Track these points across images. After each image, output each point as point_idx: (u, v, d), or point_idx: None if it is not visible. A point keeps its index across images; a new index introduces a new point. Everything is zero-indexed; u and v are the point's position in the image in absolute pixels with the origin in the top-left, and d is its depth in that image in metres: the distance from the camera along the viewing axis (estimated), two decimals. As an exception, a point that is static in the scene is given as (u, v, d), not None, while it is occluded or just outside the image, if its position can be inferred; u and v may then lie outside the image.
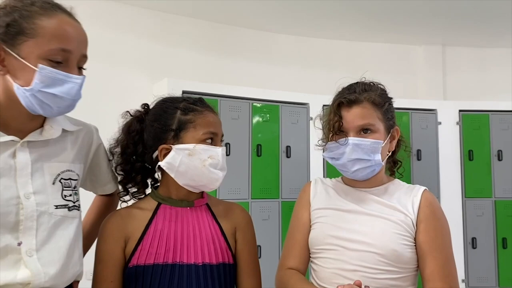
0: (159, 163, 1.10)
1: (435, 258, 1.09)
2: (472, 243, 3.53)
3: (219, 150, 1.11)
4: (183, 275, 1.06)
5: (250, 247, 1.21)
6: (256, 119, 3.07)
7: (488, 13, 3.54)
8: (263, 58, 3.72)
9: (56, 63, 0.95)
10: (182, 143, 1.10)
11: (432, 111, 3.56)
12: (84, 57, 1.02)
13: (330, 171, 3.13)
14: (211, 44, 3.54)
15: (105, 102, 2.80)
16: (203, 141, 1.11)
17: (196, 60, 3.44)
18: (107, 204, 1.29)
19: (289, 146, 3.14)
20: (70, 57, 0.97)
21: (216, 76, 3.41)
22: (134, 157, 1.16)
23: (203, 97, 2.86)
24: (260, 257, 2.73)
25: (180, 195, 1.15)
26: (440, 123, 3.56)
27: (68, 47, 0.96)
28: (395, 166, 1.27)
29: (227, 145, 2.88)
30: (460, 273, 3.50)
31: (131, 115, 1.20)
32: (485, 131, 3.59)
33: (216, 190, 2.84)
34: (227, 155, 3.05)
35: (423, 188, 1.18)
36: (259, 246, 2.75)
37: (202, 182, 1.11)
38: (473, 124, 3.59)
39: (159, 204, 1.14)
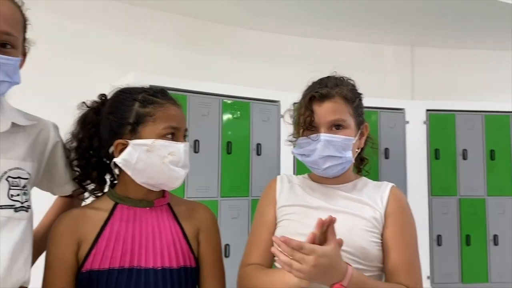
0: (115, 159, 1.04)
1: (401, 253, 1.09)
2: (437, 240, 3.60)
3: (181, 146, 1.05)
4: (140, 280, 1.00)
5: (214, 250, 1.15)
6: (226, 116, 3.03)
7: (456, 15, 3.61)
8: (234, 54, 3.68)
9: None
10: (140, 138, 1.04)
11: (400, 110, 3.60)
12: (4, 34, 0.93)
13: (300, 169, 3.12)
14: (181, 38, 3.48)
15: (68, 96, 2.69)
16: (163, 136, 1.05)
17: (165, 54, 3.37)
18: (69, 205, 1.22)
19: (260, 144, 3.11)
20: None
21: (186, 71, 3.35)
22: (90, 152, 1.09)
23: (172, 92, 2.75)
24: (229, 256, 2.69)
25: (138, 194, 1.08)
26: (407, 122, 3.61)
27: None
28: (362, 164, 1.26)
29: (196, 142, 2.83)
30: (426, 270, 3.56)
31: (87, 106, 1.13)
32: (451, 130, 3.67)
33: (184, 188, 2.79)
34: (195, 152, 3.02)
35: (391, 184, 1.18)
36: (228, 245, 2.71)
37: (162, 180, 1.05)
38: (440, 123, 3.66)
39: (116, 204, 1.07)
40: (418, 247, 1.12)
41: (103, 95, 1.14)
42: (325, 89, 1.14)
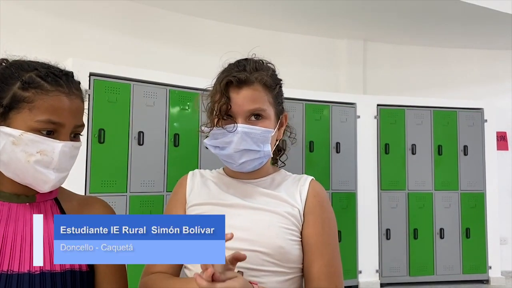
0: None
1: (321, 255, 1.00)
2: (386, 234, 3.63)
3: (58, 146, 0.87)
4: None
5: None
6: (173, 106, 2.88)
7: (408, 12, 3.64)
8: (184, 43, 3.53)
9: None
10: (9, 125, 0.89)
11: (351, 104, 3.59)
12: None
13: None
14: (126, 24, 3.29)
15: None
16: (36, 130, 0.89)
17: (108, 40, 3.17)
18: None
19: (209, 136, 2.99)
20: None
21: (130, 58, 3.17)
22: None
23: (114, 80, 2.52)
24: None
25: (15, 188, 0.91)
26: (359, 116, 3.60)
27: None
28: (279, 154, 1.17)
29: (140, 134, 2.67)
30: (374, 264, 3.59)
31: None
32: (401, 125, 3.70)
33: (126, 182, 2.61)
34: (139, 144, 2.85)
35: (310, 177, 1.09)
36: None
37: (27, 180, 0.88)
38: (390, 118, 3.69)
39: None
40: (339, 245, 1.05)
41: (5, 60, 0.95)
42: (244, 73, 1.01)
